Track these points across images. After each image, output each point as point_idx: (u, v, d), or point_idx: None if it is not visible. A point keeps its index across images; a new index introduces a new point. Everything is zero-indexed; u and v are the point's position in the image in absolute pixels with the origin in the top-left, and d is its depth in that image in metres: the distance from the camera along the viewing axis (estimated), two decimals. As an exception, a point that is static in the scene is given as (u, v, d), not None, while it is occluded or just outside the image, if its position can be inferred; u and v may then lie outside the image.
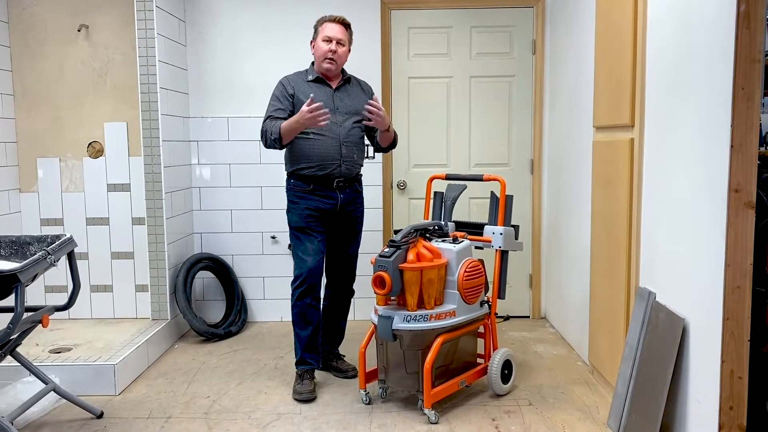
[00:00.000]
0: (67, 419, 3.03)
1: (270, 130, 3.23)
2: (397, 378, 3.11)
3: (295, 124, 3.15)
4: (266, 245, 4.58)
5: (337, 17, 3.33)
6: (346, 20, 3.36)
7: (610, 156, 3.15)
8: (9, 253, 2.89)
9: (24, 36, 4.27)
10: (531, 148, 4.56)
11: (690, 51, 2.40)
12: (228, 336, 4.29)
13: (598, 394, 3.25)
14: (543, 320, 4.62)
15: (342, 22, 3.33)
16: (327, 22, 3.32)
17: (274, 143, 3.24)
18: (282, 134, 3.19)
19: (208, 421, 3.02)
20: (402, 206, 4.61)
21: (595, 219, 3.38)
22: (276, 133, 3.20)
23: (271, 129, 3.22)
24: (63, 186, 4.38)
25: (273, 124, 3.23)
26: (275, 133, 3.20)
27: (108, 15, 4.25)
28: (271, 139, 3.23)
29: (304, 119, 3.10)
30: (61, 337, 4.00)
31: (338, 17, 3.33)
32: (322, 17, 3.36)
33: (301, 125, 3.15)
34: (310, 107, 3.06)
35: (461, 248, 3.12)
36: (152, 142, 4.01)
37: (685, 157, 2.44)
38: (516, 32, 4.49)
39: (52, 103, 4.31)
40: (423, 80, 4.52)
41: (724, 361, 2.21)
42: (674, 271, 2.54)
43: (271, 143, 3.25)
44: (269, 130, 3.24)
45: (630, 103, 2.89)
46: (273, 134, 3.21)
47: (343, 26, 3.33)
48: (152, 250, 4.09)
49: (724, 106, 2.15)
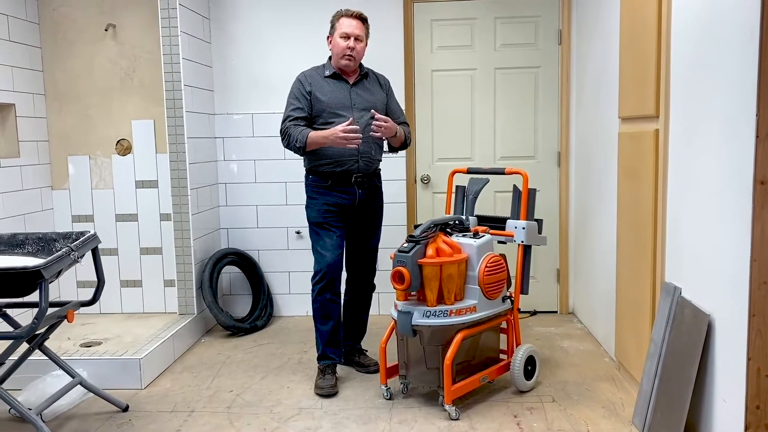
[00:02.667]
0: (94, 412, 3.10)
1: (296, 137, 3.22)
2: (417, 374, 3.09)
3: (322, 140, 3.19)
4: (291, 240, 4.60)
5: (354, 12, 3.30)
6: (363, 15, 3.33)
7: (635, 147, 3.07)
8: (36, 249, 2.95)
9: (54, 36, 4.36)
10: (558, 140, 4.48)
11: (714, 38, 2.31)
12: (254, 330, 4.33)
13: (624, 391, 3.19)
14: (571, 315, 4.54)
15: (359, 17, 3.31)
16: (344, 17, 3.29)
17: (297, 150, 3.25)
18: (308, 144, 3.20)
19: (230, 415, 3.05)
20: (426, 200, 4.58)
21: (620, 212, 3.31)
22: (302, 141, 3.20)
23: (297, 136, 3.22)
24: (93, 183, 4.47)
25: (299, 131, 3.22)
26: (301, 142, 3.21)
27: (134, 14, 4.31)
28: (296, 146, 3.24)
29: (334, 137, 3.12)
30: (92, 331, 4.09)
31: (355, 12, 3.31)
32: (339, 12, 3.34)
33: (330, 143, 3.17)
34: (345, 130, 3.08)
35: (482, 243, 3.08)
36: (177, 139, 4.06)
37: (711, 148, 2.36)
38: (541, 22, 4.40)
39: (81, 102, 4.40)
40: (446, 73, 4.47)
41: (750, 359, 2.14)
42: (700, 266, 2.47)
43: (294, 149, 3.27)
44: (294, 136, 3.23)
45: (654, 93, 2.81)
46: (299, 142, 3.22)
47: (360, 21, 3.31)
48: (178, 246, 4.14)
49: (750, 95, 2.07)
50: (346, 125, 3.12)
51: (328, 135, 3.15)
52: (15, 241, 2.97)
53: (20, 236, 2.98)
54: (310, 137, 3.19)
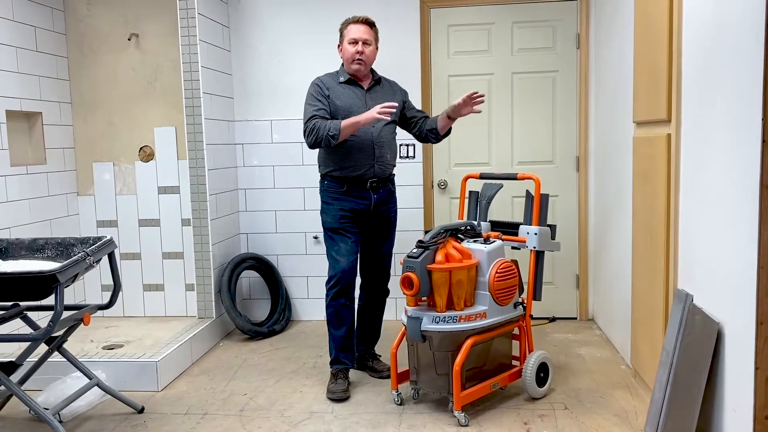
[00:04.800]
0: (111, 413, 3.17)
1: (328, 126, 3.18)
2: (428, 379, 3.09)
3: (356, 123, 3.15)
4: (309, 245, 4.64)
5: (361, 17, 3.34)
6: (370, 19, 3.36)
7: (648, 152, 3.03)
8: (55, 254, 3.04)
9: (80, 46, 4.48)
10: (576, 144, 4.44)
11: (723, 42, 2.28)
12: (272, 334, 4.37)
13: (638, 399, 3.14)
14: (590, 322, 4.49)
15: (366, 21, 3.34)
16: (351, 24, 3.33)
17: (330, 139, 3.18)
18: (342, 128, 3.16)
19: (242, 418, 3.09)
20: (443, 206, 4.58)
21: (635, 217, 3.26)
22: (336, 129, 3.16)
23: (330, 125, 3.18)
24: (117, 189, 4.57)
25: (330, 121, 3.21)
26: (335, 129, 3.17)
27: (156, 23, 4.40)
28: (329, 135, 3.17)
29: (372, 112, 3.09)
30: (115, 334, 4.18)
31: (362, 17, 3.34)
32: (346, 20, 3.37)
33: (363, 123, 3.15)
34: (384, 106, 3.07)
35: (492, 249, 3.07)
36: (196, 146, 4.13)
37: (719, 153, 2.32)
38: (559, 26, 4.37)
39: (106, 109, 4.51)
40: (463, 78, 4.47)
41: (758, 368, 2.09)
42: (710, 273, 2.42)
43: (326, 140, 3.19)
44: (326, 126, 3.18)
45: (666, 97, 2.77)
46: (332, 130, 3.17)
47: (367, 25, 3.33)
48: (198, 251, 4.21)
49: (756, 99, 2.03)
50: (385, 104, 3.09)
51: (363, 117, 3.13)
52: (35, 246, 3.06)
53: (40, 241, 3.07)
54: (344, 123, 3.17)
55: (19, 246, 3.07)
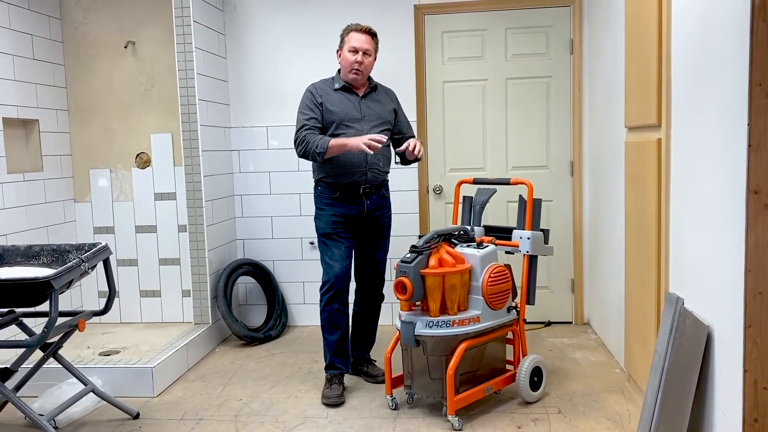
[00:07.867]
0: (107, 419, 3.18)
1: (316, 142, 3.21)
2: (422, 384, 3.10)
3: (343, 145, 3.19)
4: (305, 251, 4.66)
5: (364, 27, 3.35)
6: (372, 30, 3.37)
7: (639, 157, 3.05)
8: (50, 260, 3.05)
9: (76, 53, 4.51)
10: (570, 149, 4.46)
11: (710, 46, 2.30)
12: (268, 340, 4.38)
13: (632, 403, 3.15)
14: (585, 326, 4.50)
15: (368, 31, 3.35)
16: (353, 32, 3.34)
17: (317, 156, 3.23)
18: (329, 147, 3.19)
19: (236, 423, 3.10)
20: (438, 211, 4.60)
21: (628, 221, 3.28)
22: (323, 147, 3.19)
23: (318, 142, 3.21)
24: (114, 195, 4.60)
25: (319, 138, 3.23)
26: (322, 147, 3.20)
27: (152, 31, 4.44)
28: (315, 152, 3.21)
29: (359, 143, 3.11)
30: (112, 340, 4.20)
31: (364, 27, 3.35)
32: (348, 26, 3.39)
33: (350, 148, 3.18)
34: (373, 138, 3.10)
35: (485, 253, 3.08)
36: (192, 153, 4.15)
37: (708, 158, 2.34)
38: (553, 32, 4.40)
39: (102, 116, 4.54)
40: (458, 84, 4.50)
41: (746, 371, 2.11)
42: (700, 276, 2.44)
43: (312, 155, 3.24)
44: (314, 142, 3.22)
45: (656, 102, 2.79)
46: (319, 147, 3.20)
47: (369, 36, 3.35)
48: (194, 257, 4.23)
49: (743, 104, 2.05)
50: (374, 136, 3.13)
51: (351, 142, 3.16)
52: (30, 253, 3.07)
53: (36, 248, 3.09)
54: (333, 143, 3.20)
55: (14, 253, 3.09)
